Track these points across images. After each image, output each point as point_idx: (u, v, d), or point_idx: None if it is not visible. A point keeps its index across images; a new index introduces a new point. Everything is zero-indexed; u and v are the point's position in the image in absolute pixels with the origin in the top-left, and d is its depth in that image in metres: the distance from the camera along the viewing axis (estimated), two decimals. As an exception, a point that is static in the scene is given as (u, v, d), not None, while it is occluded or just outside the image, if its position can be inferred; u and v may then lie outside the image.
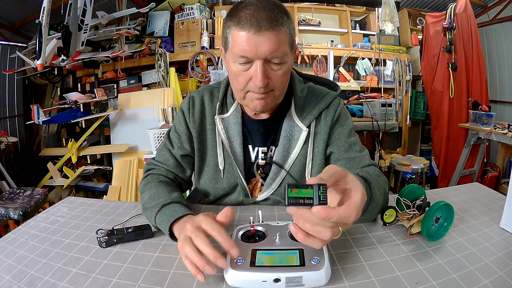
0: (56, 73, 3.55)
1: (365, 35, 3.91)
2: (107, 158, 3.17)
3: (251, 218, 0.62)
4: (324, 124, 0.83)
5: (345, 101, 2.95)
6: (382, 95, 3.57)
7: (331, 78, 3.39)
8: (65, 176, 2.89)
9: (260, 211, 0.64)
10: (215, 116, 0.84)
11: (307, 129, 0.82)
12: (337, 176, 0.48)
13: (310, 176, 0.84)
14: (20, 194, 2.20)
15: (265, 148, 0.85)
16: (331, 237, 0.45)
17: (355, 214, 0.46)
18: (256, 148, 0.86)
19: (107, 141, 3.21)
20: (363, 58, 3.61)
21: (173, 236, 0.64)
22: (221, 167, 0.85)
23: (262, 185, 0.85)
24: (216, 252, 0.50)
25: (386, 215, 0.66)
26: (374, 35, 3.82)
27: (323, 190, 0.44)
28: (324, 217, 0.43)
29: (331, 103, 0.84)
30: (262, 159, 0.85)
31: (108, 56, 3.10)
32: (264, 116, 0.84)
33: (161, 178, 0.83)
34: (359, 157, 0.81)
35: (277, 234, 0.58)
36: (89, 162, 2.96)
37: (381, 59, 3.63)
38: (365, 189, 0.57)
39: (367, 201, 0.59)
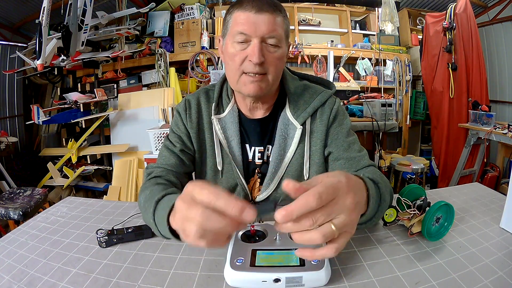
0: (56, 73, 3.56)
1: (365, 35, 3.91)
2: (107, 158, 3.17)
3: None
4: (320, 123, 0.83)
5: (345, 101, 2.95)
6: (382, 95, 3.57)
7: (331, 78, 3.39)
8: (65, 176, 2.89)
9: None
10: (212, 117, 0.84)
11: (301, 127, 0.82)
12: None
13: (308, 176, 0.83)
14: (20, 194, 2.20)
15: (262, 148, 0.85)
16: (322, 238, 0.39)
17: (326, 190, 0.39)
18: (253, 148, 0.86)
19: (107, 141, 3.22)
20: (363, 58, 3.60)
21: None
22: (219, 168, 0.84)
23: (260, 184, 0.85)
24: (239, 203, 0.39)
25: (386, 215, 0.66)
26: (374, 35, 3.81)
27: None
28: (286, 216, 0.37)
29: (326, 101, 0.84)
30: (259, 159, 0.86)
31: (108, 56, 3.10)
32: (260, 115, 0.85)
33: (159, 181, 0.74)
34: (358, 157, 0.80)
35: (277, 234, 0.58)
36: (89, 162, 2.97)
37: (381, 59, 3.63)
38: (374, 190, 0.55)
39: (377, 201, 0.56)
